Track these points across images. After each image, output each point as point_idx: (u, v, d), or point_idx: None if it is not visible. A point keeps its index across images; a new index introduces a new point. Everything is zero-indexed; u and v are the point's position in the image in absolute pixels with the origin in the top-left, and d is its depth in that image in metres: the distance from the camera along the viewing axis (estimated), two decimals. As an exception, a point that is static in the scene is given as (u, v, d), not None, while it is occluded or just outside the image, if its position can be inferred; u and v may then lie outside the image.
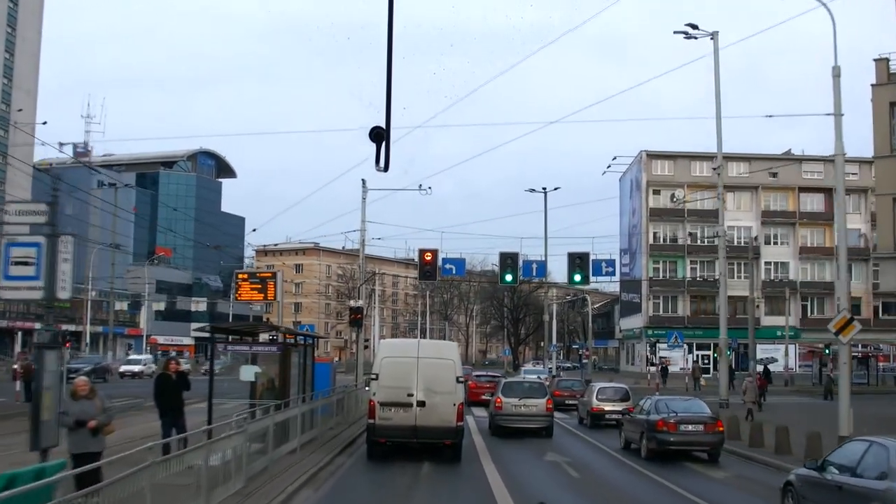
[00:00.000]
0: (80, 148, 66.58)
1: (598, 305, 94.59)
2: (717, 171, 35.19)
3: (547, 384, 31.19)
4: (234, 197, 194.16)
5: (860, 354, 53.34)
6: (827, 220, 75.32)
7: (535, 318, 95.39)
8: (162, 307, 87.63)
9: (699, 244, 73.82)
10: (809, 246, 75.91)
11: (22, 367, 34.17)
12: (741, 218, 70.76)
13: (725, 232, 36.11)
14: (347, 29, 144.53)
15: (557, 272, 68.20)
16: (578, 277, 31.46)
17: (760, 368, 45.91)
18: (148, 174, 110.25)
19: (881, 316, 70.31)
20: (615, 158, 66.88)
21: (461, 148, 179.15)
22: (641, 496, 15.35)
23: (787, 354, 63.07)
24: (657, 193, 75.34)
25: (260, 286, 28.10)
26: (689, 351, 65.73)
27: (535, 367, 66.12)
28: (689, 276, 74.92)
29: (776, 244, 75.57)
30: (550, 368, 60.59)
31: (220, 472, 11.76)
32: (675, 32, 31.85)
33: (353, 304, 36.97)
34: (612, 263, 34.58)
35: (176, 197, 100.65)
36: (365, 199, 34.31)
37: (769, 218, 75.14)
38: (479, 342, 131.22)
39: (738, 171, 71.06)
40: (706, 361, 70.30)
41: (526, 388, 25.63)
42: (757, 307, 52.98)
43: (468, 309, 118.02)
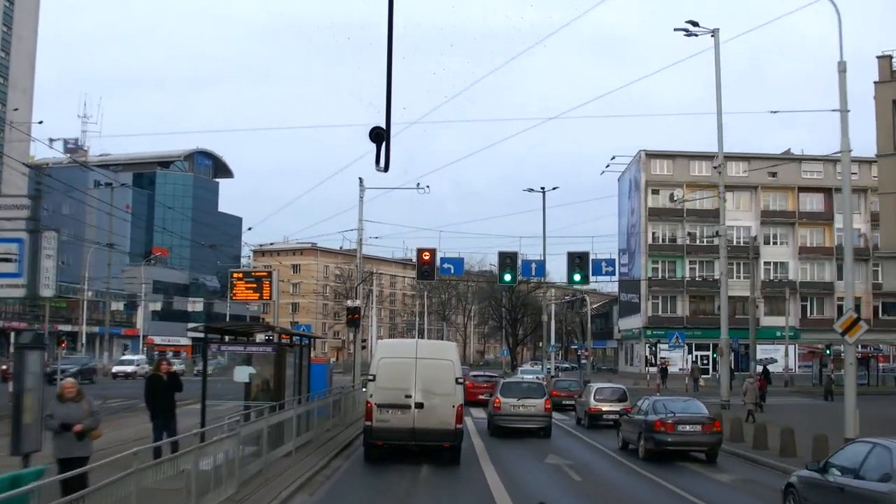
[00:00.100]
0: (70, 144, 66.00)
1: (596, 306, 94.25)
2: (717, 169, 34.87)
3: (544, 384, 31.08)
4: (231, 197, 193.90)
5: (860, 355, 52.79)
6: (826, 219, 75.24)
7: (533, 318, 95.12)
8: (158, 307, 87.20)
9: (698, 244, 73.57)
10: (809, 246, 75.66)
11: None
12: (740, 218, 70.41)
13: (726, 231, 35.81)
14: (347, 29, 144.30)
15: (556, 272, 67.99)
16: (578, 277, 31.25)
17: (760, 369, 45.60)
18: (145, 174, 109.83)
19: (881, 316, 70.02)
20: (614, 158, 66.71)
21: (460, 147, 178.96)
22: (647, 502, 15.00)
23: (787, 355, 62.76)
24: (656, 193, 75.08)
25: (255, 285, 27.63)
26: (688, 351, 65.47)
27: (532, 367, 65.99)
28: (688, 276, 74.64)
29: (775, 244, 75.28)
30: (549, 369, 60.37)
31: (211, 476, 11.39)
32: (675, 30, 31.66)
33: (350, 303, 36.59)
34: (611, 263, 34.42)
35: (173, 197, 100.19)
36: (362, 197, 33.98)
37: (768, 218, 74.88)
38: (476, 342, 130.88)
39: (737, 170, 70.76)
40: (705, 362, 70.02)
41: (524, 388, 25.69)
42: (756, 307, 52.59)
43: (466, 309, 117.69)
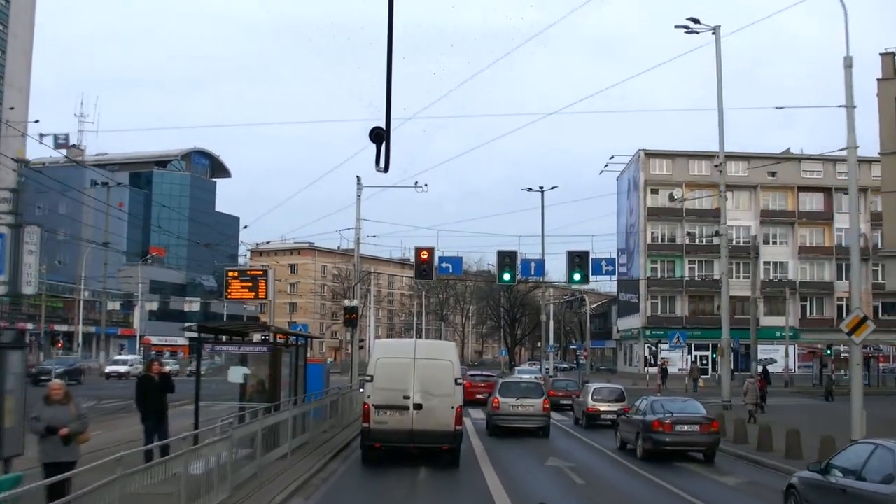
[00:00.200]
0: (61, 139, 65.34)
1: (595, 306, 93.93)
2: (718, 167, 34.56)
3: (542, 384, 30.92)
4: (229, 197, 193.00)
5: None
6: (826, 219, 74.97)
7: (531, 318, 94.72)
8: (155, 307, 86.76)
9: (697, 244, 73.24)
10: (808, 245, 75.36)
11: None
12: (740, 217, 70.02)
13: (728, 229, 35.51)
14: (347, 29, 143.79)
15: (555, 271, 67.71)
16: (578, 276, 30.91)
17: (759, 369, 45.31)
18: (142, 173, 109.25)
19: (881, 316, 69.64)
20: (613, 157, 66.41)
21: (459, 147, 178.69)
22: None
23: (786, 355, 62.43)
24: (655, 193, 74.73)
25: (251, 284, 27.18)
26: (687, 352, 65.14)
27: (530, 367, 65.72)
28: (687, 276, 74.32)
29: (775, 244, 74.92)
30: (547, 369, 60.07)
31: (202, 480, 11.01)
32: (676, 27, 31.31)
33: (347, 303, 36.19)
34: (611, 262, 34.14)
35: (170, 196, 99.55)
36: (360, 196, 33.62)
37: (768, 217, 74.54)
38: (475, 342, 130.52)
39: (736, 170, 70.42)
40: (704, 362, 69.73)
41: (523, 388, 25.67)
42: (756, 307, 52.30)
43: (464, 309, 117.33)
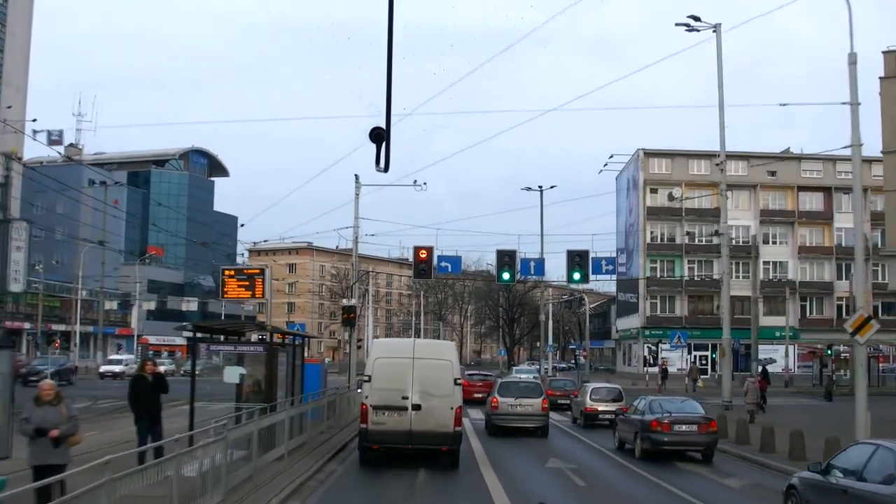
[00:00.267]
0: (54, 135, 64.81)
1: (594, 305, 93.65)
2: (719, 165, 34.37)
3: (541, 384, 30.76)
4: (228, 196, 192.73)
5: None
6: (826, 219, 74.77)
7: (530, 318, 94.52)
8: (153, 307, 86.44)
9: (697, 243, 73.07)
10: (808, 245, 75.12)
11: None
12: (739, 217, 69.76)
13: (728, 228, 35.29)
14: (347, 29, 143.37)
15: (554, 271, 67.47)
16: (578, 276, 30.69)
17: (759, 369, 45.11)
18: (140, 172, 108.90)
19: (881, 316, 69.44)
20: (612, 157, 66.22)
21: (459, 146, 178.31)
22: None
23: (787, 355, 62.21)
24: (654, 192, 74.49)
25: (248, 283, 26.82)
26: (687, 352, 64.93)
27: (528, 367, 65.49)
28: (686, 275, 74.08)
29: (775, 243, 74.69)
30: (546, 369, 59.85)
31: (196, 483, 10.74)
32: (677, 24, 31.20)
33: (345, 302, 35.92)
34: (611, 261, 33.94)
35: (168, 195, 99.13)
36: (358, 194, 33.35)
37: (768, 217, 74.29)
38: (473, 342, 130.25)
39: (736, 169, 70.17)
40: (703, 362, 69.51)
41: (522, 388, 25.64)
42: (756, 307, 52.12)
43: (462, 309, 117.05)
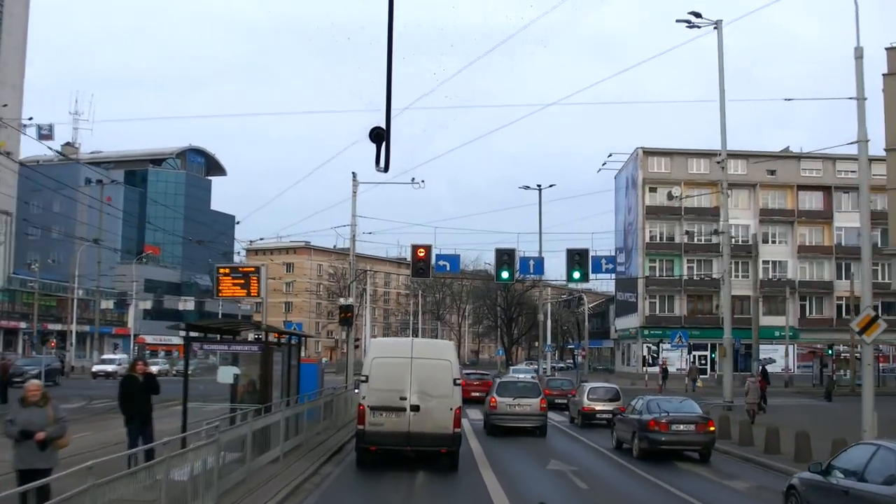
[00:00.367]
0: (44, 130, 64.37)
1: (592, 305, 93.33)
2: (720, 163, 34.05)
3: (539, 383, 30.57)
4: (226, 195, 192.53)
5: (860, 355, 52.20)
6: (826, 218, 74.50)
7: (528, 317, 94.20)
8: (149, 306, 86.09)
9: (696, 243, 72.78)
10: (808, 245, 74.83)
11: (-4, 366, 33.36)
12: (739, 216, 69.46)
13: (729, 226, 35.01)
14: (347, 29, 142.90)
15: (553, 270, 67.16)
16: (578, 274, 30.31)
17: (759, 369, 44.86)
18: (137, 171, 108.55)
19: (882, 315, 69.24)
20: (611, 155, 65.85)
21: (458, 144, 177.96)
22: None
23: (787, 355, 61.93)
24: (653, 191, 74.19)
25: (243, 281, 26.40)
26: (687, 351, 64.63)
27: (526, 366, 65.24)
28: (685, 275, 73.77)
29: (774, 243, 74.40)
30: (544, 368, 59.70)
31: (187, 487, 10.39)
32: (677, 21, 30.82)
33: (343, 301, 35.60)
34: (611, 260, 33.64)
35: (165, 194, 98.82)
36: (356, 192, 33.06)
37: (767, 216, 73.99)
38: (471, 342, 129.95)
39: (735, 168, 69.88)
40: (703, 362, 69.22)
41: (520, 387, 25.59)
42: (756, 307, 51.86)
43: (460, 308, 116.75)
